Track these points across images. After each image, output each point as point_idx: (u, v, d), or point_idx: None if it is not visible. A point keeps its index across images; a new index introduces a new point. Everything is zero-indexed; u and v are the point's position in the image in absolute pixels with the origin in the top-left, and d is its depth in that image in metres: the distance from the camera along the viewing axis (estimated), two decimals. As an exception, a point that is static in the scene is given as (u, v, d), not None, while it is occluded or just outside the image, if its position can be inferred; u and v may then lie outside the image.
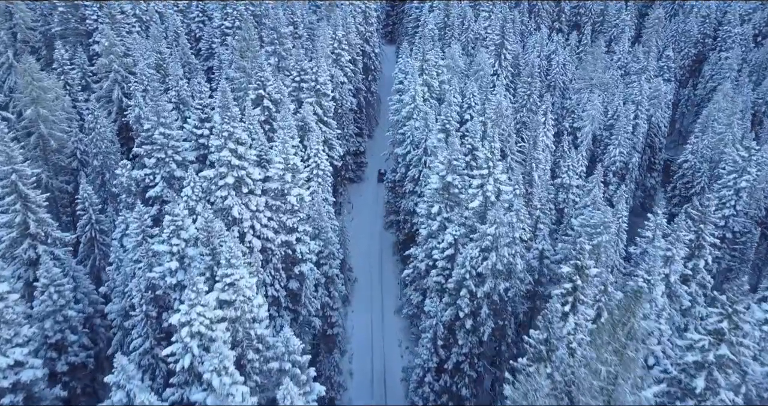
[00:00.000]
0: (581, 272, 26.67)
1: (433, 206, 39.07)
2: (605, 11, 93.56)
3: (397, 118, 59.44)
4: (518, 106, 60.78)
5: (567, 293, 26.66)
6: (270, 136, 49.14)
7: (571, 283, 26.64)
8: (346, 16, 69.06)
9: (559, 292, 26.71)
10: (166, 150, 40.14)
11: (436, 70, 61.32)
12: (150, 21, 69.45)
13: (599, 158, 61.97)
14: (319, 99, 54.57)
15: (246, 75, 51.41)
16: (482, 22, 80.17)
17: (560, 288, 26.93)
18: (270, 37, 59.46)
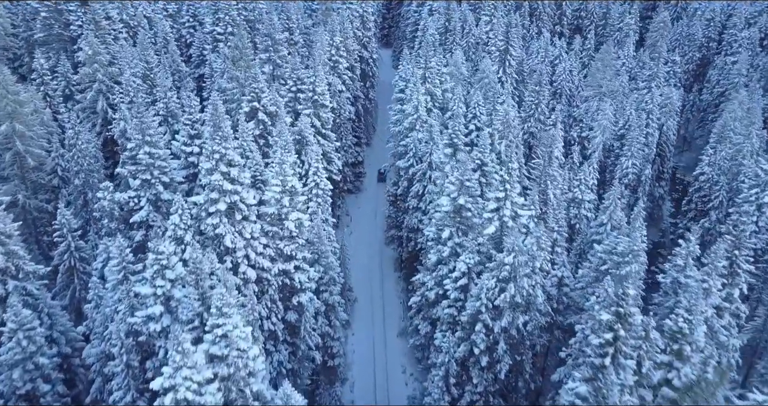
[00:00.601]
0: (624, 321, 23.20)
1: (443, 230, 35.51)
2: (608, 14, 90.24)
3: (399, 129, 55.79)
4: (526, 115, 57.28)
5: (607, 344, 23.17)
6: (265, 152, 45.50)
7: (611, 332, 23.13)
8: (344, 20, 65.33)
9: (597, 342, 23.20)
10: (152, 171, 36.32)
11: (439, 78, 57.74)
12: (138, 26, 65.44)
13: (609, 170, 58.59)
14: (317, 110, 50.86)
15: (239, 85, 47.64)
16: (483, 27, 76.70)
17: (598, 337, 23.42)
18: (264, 44, 55.72)
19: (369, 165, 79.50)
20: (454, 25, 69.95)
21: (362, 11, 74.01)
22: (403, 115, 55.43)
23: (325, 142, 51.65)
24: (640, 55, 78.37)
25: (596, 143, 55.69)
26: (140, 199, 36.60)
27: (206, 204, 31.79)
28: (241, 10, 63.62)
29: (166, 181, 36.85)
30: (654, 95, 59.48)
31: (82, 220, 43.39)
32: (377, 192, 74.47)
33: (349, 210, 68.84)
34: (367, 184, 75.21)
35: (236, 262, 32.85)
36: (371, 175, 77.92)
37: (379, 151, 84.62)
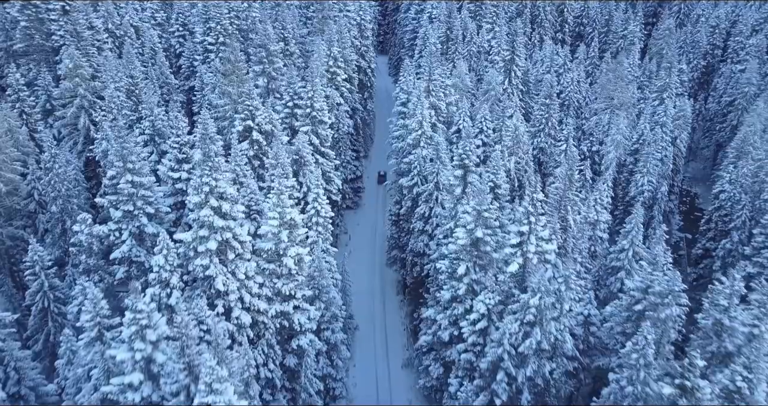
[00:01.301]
0: (689, 395, 19.50)
1: (458, 264, 31.69)
2: (610, 21, 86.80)
3: (401, 146, 51.93)
4: (535, 130, 53.59)
5: (667, 421, 19.51)
6: (260, 174, 41.55)
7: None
8: (342, 29, 61.41)
9: (656, 419, 19.50)
10: (135, 201, 32.26)
11: (443, 90, 53.95)
12: (124, 36, 61.30)
13: (622, 186, 54.98)
14: (315, 127, 46.93)
15: (231, 102, 43.64)
16: (485, 35, 73.08)
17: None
18: (258, 56, 51.71)
19: (367, 177, 75.70)
20: (456, 33, 66.20)
21: (360, 19, 70.20)
22: (406, 130, 51.59)
23: (324, 161, 47.73)
24: (646, 63, 75.04)
25: (610, 159, 52.08)
26: (122, 233, 32.55)
27: (194, 242, 27.82)
28: (234, 19, 59.59)
29: (150, 212, 32.81)
30: (667, 107, 55.96)
31: (60, 250, 39.32)
32: (376, 206, 70.66)
33: (348, 227, 64.92)
34: (366, 199, 71.35)
35: (229, 306, 28.88)
36: (370, 189, 74.08)
37: (377, 162, 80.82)
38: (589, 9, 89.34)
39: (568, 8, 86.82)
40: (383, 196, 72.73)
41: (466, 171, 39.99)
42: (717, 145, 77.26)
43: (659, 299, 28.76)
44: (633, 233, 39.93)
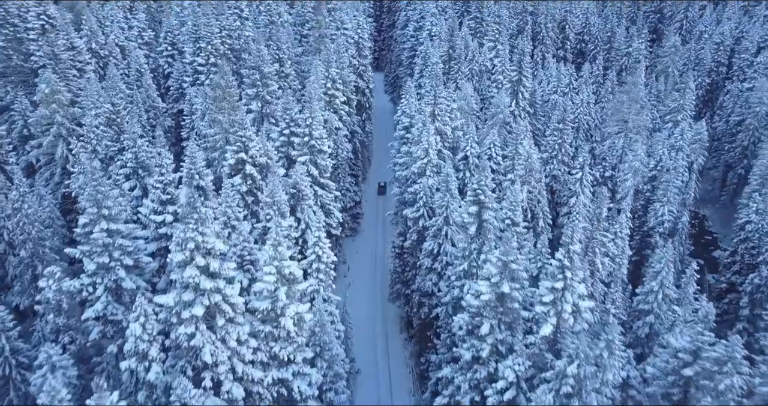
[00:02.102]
0: None
1: (481, 322, 27.41)
2: (612, 38, 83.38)
3: (406, 174, 47.73)
4: (548, 156, 49.58)
5: None
6: (255, 211, 37.13)
7: None
8: (340, 49, 57.31)
9: None
10: (112, 252, 27.74)
11: (448, 114, 49.89)
12: (109, 57, 56.90)
13: (639, 215, 51.01)
14: (314, 157, 42.66)
15: (222, 131, 39.29)
16: (488, 53, 69.30)
17: None
18: (252, 78, 47.51)
19: (366, 201, 71.45)
20: (459, 52, 62.30)
21: (358, 37, 66.22)
22: (411, 158, 47.43)
23: (323, 193, 43.42)
24: (652, 82, 71.54)
25: (627, 187, 48.11)
26: (96, 288, 27.99)
27: (177, 307, 23.34)
28: (226, 39, 55.37)
29: (128, 264, 28.28)
30: (684, 131, 52.17)
31: (29, 298, 34.62)
32: (376, 226, 66.48)
33: (347, 256, 60.52)
34: (365, 223, 67.04)
35: (218, 379, 24.38)
36: (369, 213, 69.88)
37: (377, 176, 76.70)
38: (590, 26, 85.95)
39: (569, 25, 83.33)
40: (383, 214, 69.13)
41: (482, 207, 35.74)
42: (726, 165, 73.74)
43: (716, 367, 24.58)
44: (663, 274, 35.86)
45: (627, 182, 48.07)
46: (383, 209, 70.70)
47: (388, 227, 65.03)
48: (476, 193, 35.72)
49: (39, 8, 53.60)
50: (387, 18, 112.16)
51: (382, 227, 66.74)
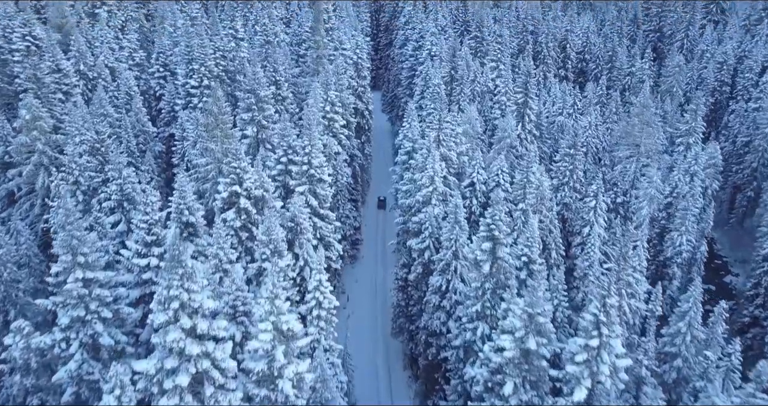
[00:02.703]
0: None
1: (504, 381, 24.14)
2: (614, 58, 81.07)
3: (410, 202, 44.59)
4: (558, 183, 46.61)
5: None
6: (249, 247, 33.84)
7: None
8: (338, 70, 54.45)
9: None
10: (88, 303, 24.36)
11: (453, 139, 46.93)
12: (98, 79, 53.80)
13: (654, 243, 47.99)
14: (313, 186, 39.48)
15: (215, 160, 36.13)
16: (489, 73, 66.65)
17: None
18: (247, 102, 44.48)
19: (366, 225, 68.28)
20: (462, 73, 59.58)
21: (357, 58, 63.47)
22: (415, 185, 44.33)
23: (323, 225, 40.18)
24: (658, 102, 68.98)
25: (643, 216, 45.15)
26: (70, 343, 24.53)
27: (159, 375, 19.96)
28: (220, 60, 52.42)
29: (107, 316, 24.88)
30: (698, 155, 49.38)
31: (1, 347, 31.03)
32: (375, 254, 63.33)
33: (346, 285, 57.15)
34: (364, 250, 63.76)
35: (207, 456, 20.92)
36: (368, 235, 66.71)
37: (373, 208, 73.71)
38: (591, 45, 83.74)
39: (570, 44, 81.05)
40: (383, 233, 67.31)
41: (496, 244, 32.61)
42: (734, 187, 71.03)
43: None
44: (691, 315, 32.74)
45: (642, 210, 45.12)
46: (383, 224, 68.76)
47: (389, 249, 62.23)
48: (490, 228, 32.60)
49: (24, 29, 50.61)
50: (384, 36, 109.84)
51: (382, 247, 64.08)
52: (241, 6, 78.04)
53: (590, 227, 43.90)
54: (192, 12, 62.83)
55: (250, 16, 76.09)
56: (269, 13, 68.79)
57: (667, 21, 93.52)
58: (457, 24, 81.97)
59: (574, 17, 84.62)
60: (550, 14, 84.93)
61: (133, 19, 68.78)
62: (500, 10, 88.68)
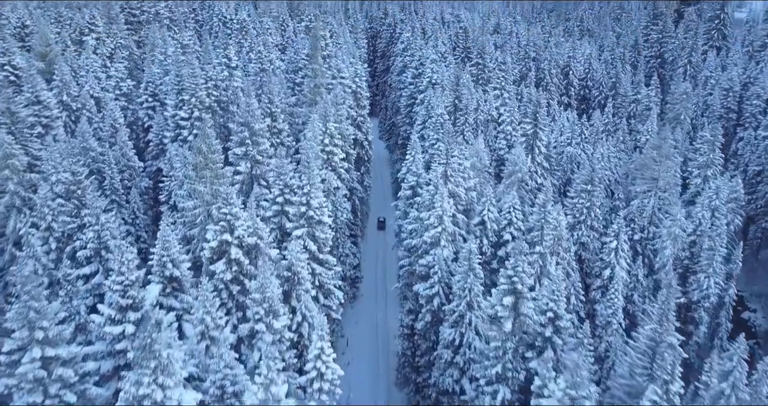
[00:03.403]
0: None
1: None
2: (617, 84, 78.41)
3: (416, 243, 40.82)
4: (574, 221, 43.02)
5: None
6: (240, 302, 29.83)
7: None
8: (337, 100, 51.12)
9: None
10: (48, 386, 20.26)
11: (461, 175, 43.39)
12: (82, 109, 50.18)
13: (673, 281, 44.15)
14: (312, 229, 35.66)
15: (203, 203, 32.31)
16: (493, 102, 63.61)
17: None
18: (240, 136, 40.89)
19: (365, 259, 64.32)
20: (467, 102, 56.39)
21: (356, 87, 60.29)
22: (422, 224, 40.59)
23: (322, 270, 36.26)
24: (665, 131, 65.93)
25: (666, 256, 41.53)
26: (25, 434, 20.32)
27: None
28: (212, 90, 48.95)
29: (70, 401, 20.72)
30: (720, 189, 46.03)
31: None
32: (376, 310, 59.00)
33: (345, 327, 52.88)
34: (364, 288, 59.64)
35: None
36: (368, 269, 62.74)
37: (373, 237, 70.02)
38: (593, 71, 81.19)
39: (573, 71, 78.42)
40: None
41: (519, 298, 28.82)
42: (747, 218, 67.78)
43: None
44: (736, 375, 28.80)
45: (666, 251, 41.50)
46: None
47: (390, 281, 58.67)
48: (512, 281, 28.83)
49: (3, 58, 47.12)
50: (381, 62, 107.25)
51: (383, 277, 60.82)
52: (235, 33, 75.09)
53: (611, 269, 40.25)
54: (183, 39, 59.58)
55: (244, 42, 73.08)
56: (264, 40, 65.78)
57: (668, 47, 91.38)
58: (458, 50, 79.27)
59: (577, 43, 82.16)
60: (552, 40, 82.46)
61: (123, 47, 65.48)
62: (501, 36, 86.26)
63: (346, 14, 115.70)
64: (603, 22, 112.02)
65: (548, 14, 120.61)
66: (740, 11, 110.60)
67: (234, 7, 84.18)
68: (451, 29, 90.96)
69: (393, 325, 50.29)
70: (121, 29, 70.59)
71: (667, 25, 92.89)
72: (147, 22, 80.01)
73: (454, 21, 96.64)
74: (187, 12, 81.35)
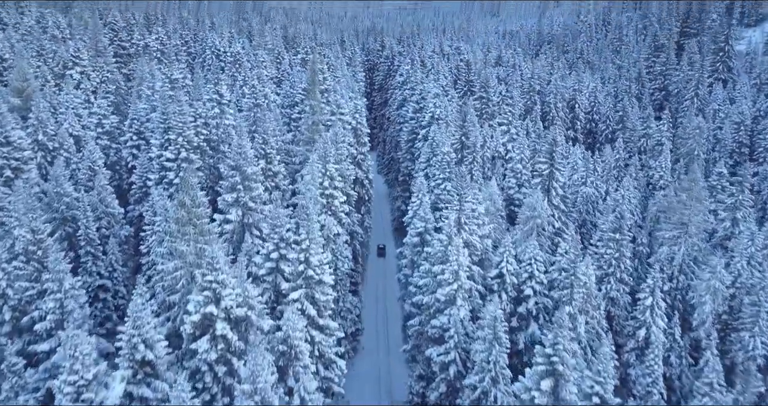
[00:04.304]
0: None
1: None
2: (625, 118, 74.88)
3: (428, 301, 35.99)
4: (602, 274, 38.40)
5: None
6: (227, 385, 24.75)
7: None
8: (337, 138, 46.86)
9: None
10: None
11: (476, 222, 38.86)
12: (60, 150, 45.58)
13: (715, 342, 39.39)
14: (311, 290, 30.76)
15: (185, 265, 27.44)
16: (500, 137, 59.64)
17: None
18: (231, 181, 36.31)
19: (365, 307, 59.14)
20: (474, 140, 52.24)
21: (356, 123, 56.20)
22: (434, 279, 35.84)
23: (322, 338, 31.22)
24: (694, 171, 62.12)
25: (706, 313, 36.86)
26: None
27: None
28: (201, 128, 44.54)
29: None
30: (755, 235, 41.66)
31: None
32: (378, 360, 53.81)
33: (347, 388, 47.24)
34: (366, 339, 54.28)
35: None
36: (369, 331, 57.46)
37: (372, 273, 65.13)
38: (599, 104, 77.79)
39: (579, 104, 74.94)
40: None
41: (559, 380, 23.92)
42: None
43: None
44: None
45: (705, 306, 36.82)
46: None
47: (393, 321, 54.14)
48: (551, 361, 23.95)
49: (-28, 95, 42.62)
50: (378, 95, 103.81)
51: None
52: (229, 66, 71.28)
53: (647, 329, 35.47)
54: (173, 73, 55.42)
55: (238, 75, 69.26)
56: (259, 74, 61.89)
57: (672, 79, 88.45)
58: (459, 84, 75.73)
59: (582, 76, 78.90)
60: (557, 73, 79.14)
61: (110, 81, 61.29)
62: (503, 68, 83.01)
63: (343, 46, 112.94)
64: (603, 54, 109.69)
65: (547, 46, 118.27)
66: (739, 43, 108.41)
67: (228, 39, 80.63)
68: (451, 62, 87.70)
69: (397, 371, 45.63)
70: (109, 62, 66.60)
71: (670, 58, 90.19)
72: (137, 54, 76.20)
73: (454, 53, 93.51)
74: (178, 44, 77.56)
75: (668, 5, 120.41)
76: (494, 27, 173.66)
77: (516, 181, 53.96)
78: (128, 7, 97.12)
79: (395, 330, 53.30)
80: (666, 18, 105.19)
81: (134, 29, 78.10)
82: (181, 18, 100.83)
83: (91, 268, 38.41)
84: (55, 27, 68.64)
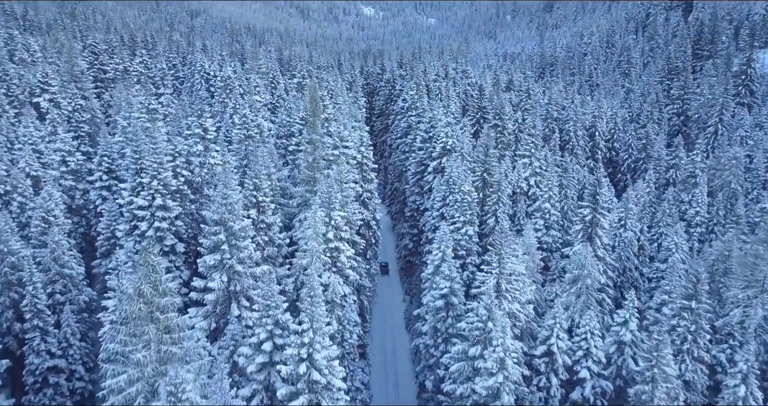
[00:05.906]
0: None
1: None
2: (648, 146, 67.85)
3: (461, 391, 27.86)
4: (675, 349, 30.47)
5: None
6: None
7: None
8: (342, 177, 39.09)
9: None
10: None
11: (517, 285, 30.95)
12: (13, 193, 37.45)
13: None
14: (316, 397, 22.58)
15: (144, 377, 19.21)
16: (522, 171, 52.11)
17: None
18: (214, 239, 28.38)
19: (372, 353, 51.14)
20: (499, 178, 44.60)
21: (361, 157, 48.54)
22: (469, 363, 27.78)
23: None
24: (717, 204, 54.93)
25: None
26: None
27: None
28: (181, 169, 36.59)
29: None
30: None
31: None
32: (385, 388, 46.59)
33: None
34: (376, 389, 45.96)
35: None
36: (377, 377, 49.30)
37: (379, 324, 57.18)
38: (619, 132, 70.78)
39: (599, 132, 67.85)
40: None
41: None
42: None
43: None
44: None
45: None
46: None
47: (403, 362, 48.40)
48: None
49: None
50: (379, 121, 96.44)
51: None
52: (219, 91, 63.64)
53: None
54: (150, 103, 47.54)
55: (228, 102, 61.56)
56: (251, 101, 54.27)
57: (692, 104, 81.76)
58: (469, 110, 68.50)
59: (602, 102, 71.98)
60: (578, 99, 72.08)
61: (83, 109, 53.36)
62: (516, 93, 75.94)
63: (341, 69, 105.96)
64: (610, 76, 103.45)
65: (550, 69, 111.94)
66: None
67: (218, 62, 73.20)
68: (458, 86, 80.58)
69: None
70: (86, 88, 58.81)
71: (688, 81, 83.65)
72: (120, 79, 68.53)
73: (460, 77, 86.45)
74: (164, 68, 69.94)
75: (674, 28, 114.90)
76: (493, 49, 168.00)
77: (544, 222, 46.53)
78: (118, 30, 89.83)
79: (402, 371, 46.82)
80: (678, 40, 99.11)
81: (115, 52, 70.56)
82: (171, 42, 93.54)
83: (39, 347, 30.18)
84: (24, 49, 61.00)
